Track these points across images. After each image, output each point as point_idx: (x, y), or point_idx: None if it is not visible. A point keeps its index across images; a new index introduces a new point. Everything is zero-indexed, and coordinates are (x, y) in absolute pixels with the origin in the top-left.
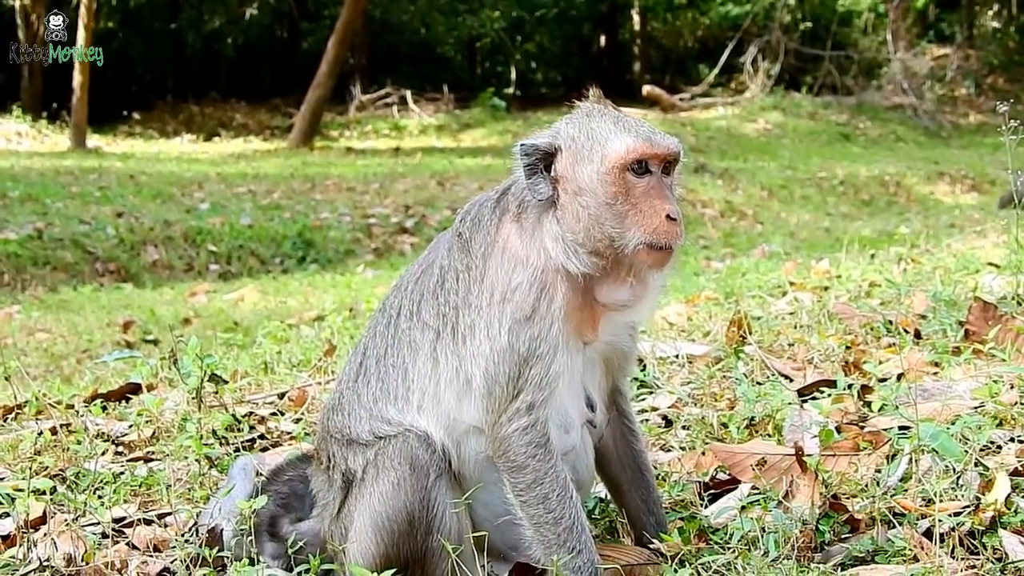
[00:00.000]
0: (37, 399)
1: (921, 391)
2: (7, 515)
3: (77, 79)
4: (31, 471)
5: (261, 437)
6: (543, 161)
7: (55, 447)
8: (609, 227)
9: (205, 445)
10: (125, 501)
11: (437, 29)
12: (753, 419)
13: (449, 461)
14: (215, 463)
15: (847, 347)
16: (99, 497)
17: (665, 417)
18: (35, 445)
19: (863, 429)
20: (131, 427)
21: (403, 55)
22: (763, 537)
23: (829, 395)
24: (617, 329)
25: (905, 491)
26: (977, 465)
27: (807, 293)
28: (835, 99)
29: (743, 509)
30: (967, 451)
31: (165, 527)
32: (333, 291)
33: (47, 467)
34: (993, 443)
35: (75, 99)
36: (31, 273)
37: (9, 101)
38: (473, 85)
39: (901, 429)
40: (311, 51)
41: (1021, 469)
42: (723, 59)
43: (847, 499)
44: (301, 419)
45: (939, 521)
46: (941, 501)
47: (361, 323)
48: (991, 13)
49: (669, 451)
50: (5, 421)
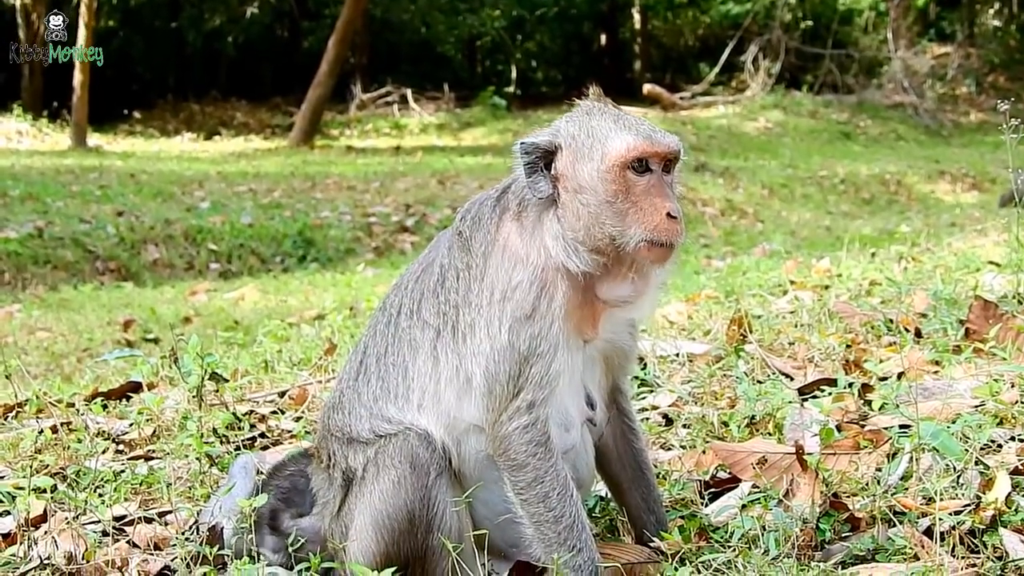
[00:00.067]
0: (38, 397)
1: (922, 390)
2: (8, 513)
3: (78, 78)
4: (32, 469)
5: (262, 435)
6: (543, 159)
7: (56, 445)
8: (609, 225)
9: (206, 443)
10: (126, 499)
11: (437, 28)
12: (754, 418)
13: (449, 459)
14: (216, 461)
15: (848, 346)
16: (100, 495)
17: (665, 415)
18: (36, 443)
19: (864, 428)
20: (132, 425)
21: (404, 54)
22: (763, 535)
23: (830, 394)
24: (617, 327)
25: (906, 490)
26: (978, 464)
27: (808, 292)
28: (836, 98)
29: (743, 507)
30: (968, 450)
31: (166, 525)
32: (333, 290)
33: (48, 465)
34: (994, 442)
35: (75, 98)
36: (32, 272)
37: (10, 100)
38: (474, 84)
39: (902, 428)
40: (312, 50)
41: (1022, 468)
42: (724, 58)
43: (848, 498)
44: (301, 417)
45: (939, 520)
46: (942, 500)
47: (361, 322)
48: (992, 11)
49: (669, 449)
50: (6, 419)
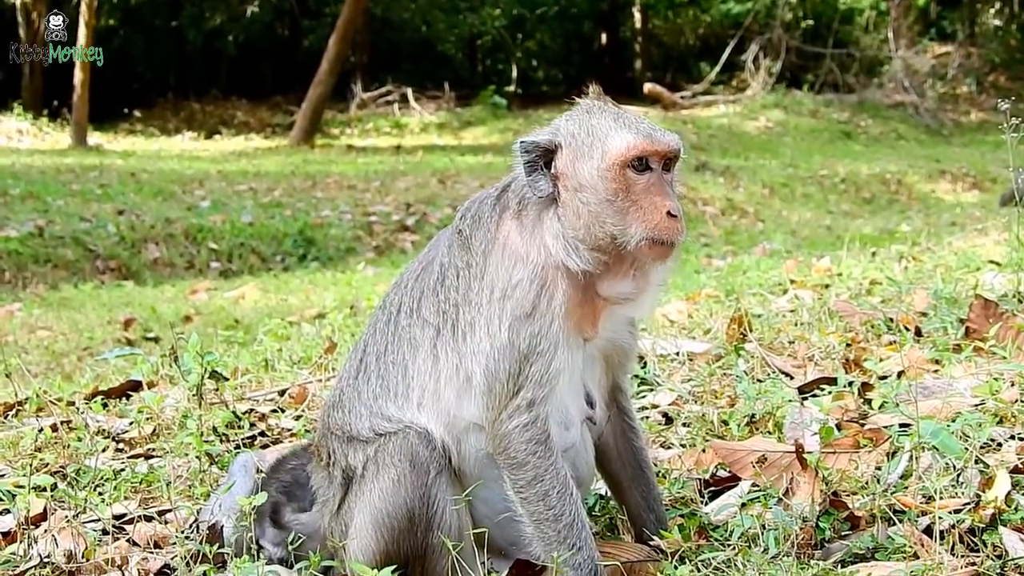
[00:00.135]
0: (38, 396)
1: (922, 388)
2: (8, 512)
3: (78, 77)
4: (32, 468)
5: (261, 434)
6: (543, 158)
7: (56, 444)
8: (610, 224)
9: (205, 442)
10: (125, 498)
11: (438, 27)
12: (753, 416)
13: (449, 458)
14: (215, 460)
15: (848, 344)
16: (99, 494)
17: (665, 414)
18: (36, 442)
19: (863, 426)
20: (132, 424)
21: (404, 53)
22: (763, 534)
23: (829, 392)
24: (617, 325)
25: (905, 488)
26: (977, 462)
27: (808, 291)
28: (836, 97)
29: (743, 506)
30: (967, 448)
31: (165, 524)
32: (334, 289)
33: (48, 464)
34: (993, 440)
35: (76, 97)
36: (32, 271)
37: (10, 99)
38: (474, 83)
39: (901, 426)
40: (312, 49)
41: (1021, 466)
42: (724, 57)
43: (847, 496)
44: (301, 416)
45: (939, 518)
46: (941, 498)
47: (362, 321)
48: (992, 11)
49: (669, 448)
50: (6, 418)
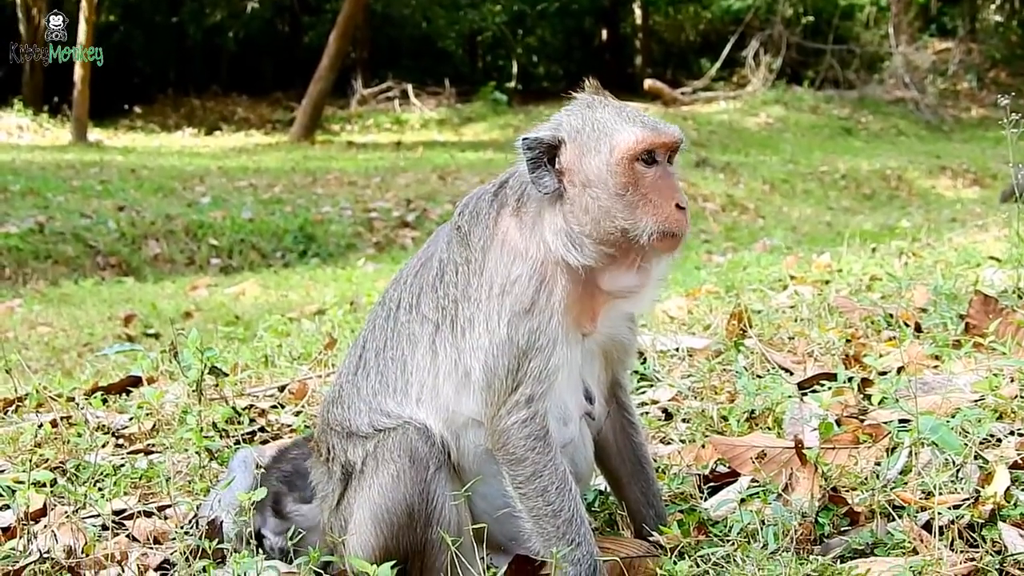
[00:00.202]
0: (38, 392)
1: (921, 384)
2: (8, 507)
3: (78, 73)
4: (31, 463)
5: (261, 430)
6: (547, 154)
7: (56, 440)
8: (621, 218)
9: (205, 438)
10: (125, 493)
11: (438, 23)
12: (753, 412)
13: (448, 454)
14: (215, 456)
15: (847, 340)
16: (99, 489)
17: (665, 410)
18: (36, 437)
19: (863, 422)
20: (131, 420)
21: (404, 49)
22: (762, 530)
23: (829, 388)
24: (616, 321)
25: (905, 484)
26: (977, 458)
27: (808, 287)
28: (837, 93)
29: (743, 502)
30: (967, 444)
31: (165, 519)
32: (334, 285)
33: (47, 459)
34: (993, 436)
35: (76, 93)
36: (32, 267)
37: (10, 95)
38: (474, 79)
39: (901, 422)
40: (312, 45)
41: (1021, 462)
42: (725, 53)
43: (847, 492)
44: (301, 412)
45: (938, 514)
46: (941, 494)
47: (362, 317)
48: (993, 7)
49: (669, 444)
50: (6, 414)
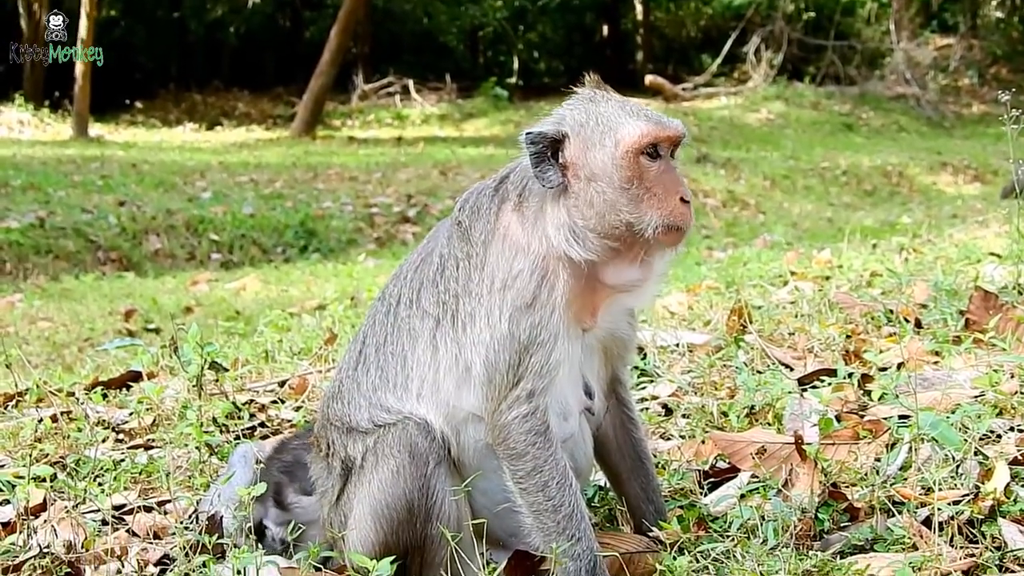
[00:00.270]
0: (38, 387)
1: (921, 380)
2: (7, 502)
3: (79, 68)
4: (32, 458)
5: (261, 425)
6: (551, 148)
7: (56, 434)
8: (626, 212)
9: (205, 433)
10: (125, 488)
11: (440, 18)
12: (753, 408)
13: (448, 449)
14: (215, 451)
15: (848, 336)
16: (99, 484)
17: (665, 406)
18: (36, 432)
19: (863, 418)
20: (131, 415)
21: (406, 44)
22: (762, 525)
23: (829, 384)
24: (616, 316)
25: (904, 480)
26: (976, 454)
27: (808, 283)
28: (838, 89)
29: (742, 497)
30: (967, 440)
31: (165, 514)
32: (335, 280)
33: (48, 454)
34: (993, 432)
35: (77, 88)
36: (33, 262)
37: (11, 90)
38: (475, 74)
39: (901, 418)
40: (314, 40)
41: (1020, 458)
42: (726, 49)
43: (846, 487)
44: (301, 407)
45: (938, 510)
46: (940, 490)
47: (362, 312)
48: (994, 3)
49: (669, 439)
50: (6, 409)
